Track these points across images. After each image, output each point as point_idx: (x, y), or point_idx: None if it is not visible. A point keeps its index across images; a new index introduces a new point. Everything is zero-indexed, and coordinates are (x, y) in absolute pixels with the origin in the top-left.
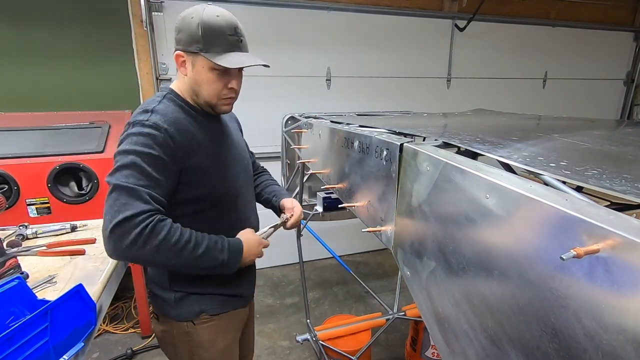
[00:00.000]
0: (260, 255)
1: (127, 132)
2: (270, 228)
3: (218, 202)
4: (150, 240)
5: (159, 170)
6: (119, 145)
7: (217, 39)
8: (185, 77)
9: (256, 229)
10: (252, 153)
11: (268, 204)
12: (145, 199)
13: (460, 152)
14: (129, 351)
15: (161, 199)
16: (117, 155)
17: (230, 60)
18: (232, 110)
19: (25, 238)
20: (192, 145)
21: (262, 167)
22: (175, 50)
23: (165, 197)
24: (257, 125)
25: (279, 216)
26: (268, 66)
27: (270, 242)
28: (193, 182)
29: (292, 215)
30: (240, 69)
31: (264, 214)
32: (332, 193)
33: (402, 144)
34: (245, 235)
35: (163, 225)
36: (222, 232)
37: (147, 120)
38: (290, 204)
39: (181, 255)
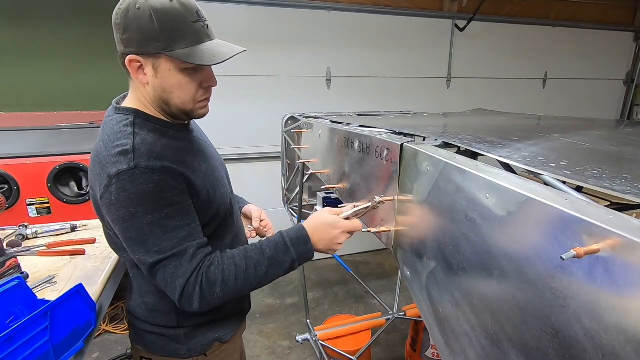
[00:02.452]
0: (343, 238)
1: (114, 188)
2: (354, 208)
3: (221, 221)
4: (213, 291)
5: (182, 215)
6: (110, 205)
7: (180, 31)
8: (147, 86)
9: (244, 235)
10: None
11: None
12: (189, 255)
13: (460, 152)
14: (129, 351)
15: (203, 239)
16: (121, 222)
17: (204, 54)
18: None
19: (25, 238)
20: (187, 172)
21: None
22: (125, 54)
23: (202, 233)
24: (257, 125)
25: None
26: (245, 50)
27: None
28: (200, 210)
29: (383, 197)
30: None
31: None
32: (332, 193)
33: (402, 144)
34: (315, 219)
35: (214, 270)
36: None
37: (134, 168)
38: (258, 213)
39: (249, 283)
